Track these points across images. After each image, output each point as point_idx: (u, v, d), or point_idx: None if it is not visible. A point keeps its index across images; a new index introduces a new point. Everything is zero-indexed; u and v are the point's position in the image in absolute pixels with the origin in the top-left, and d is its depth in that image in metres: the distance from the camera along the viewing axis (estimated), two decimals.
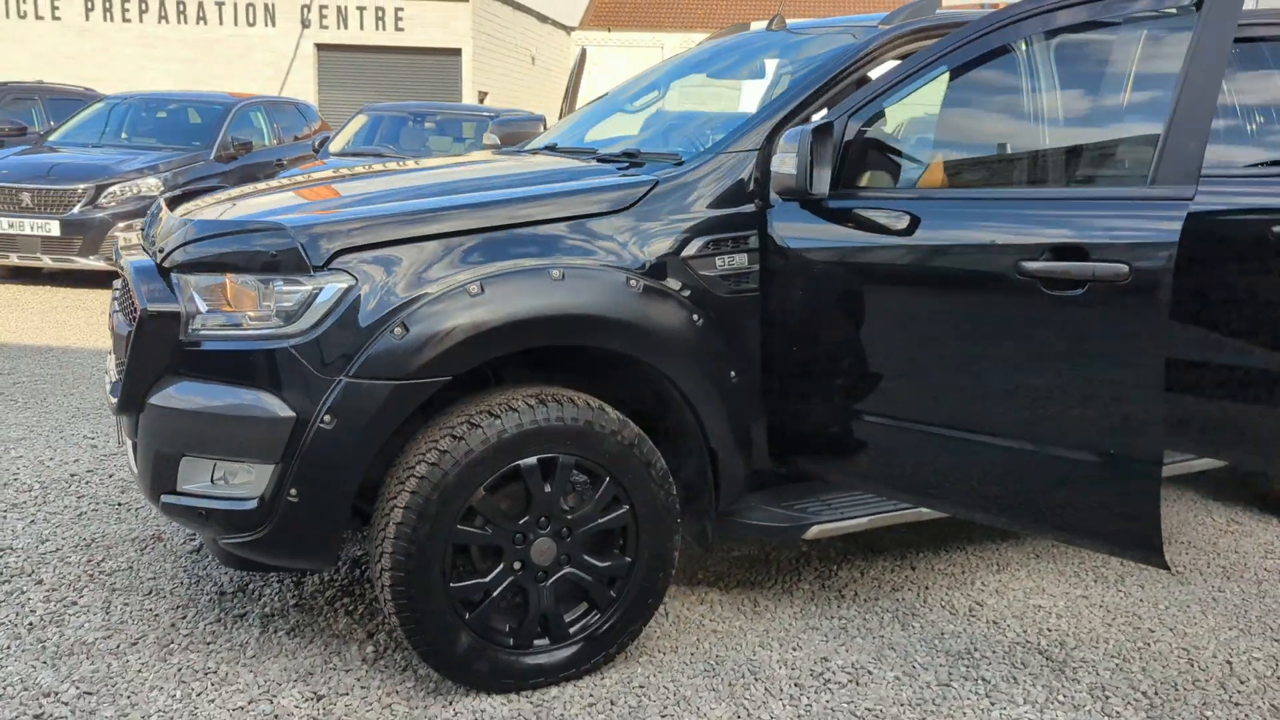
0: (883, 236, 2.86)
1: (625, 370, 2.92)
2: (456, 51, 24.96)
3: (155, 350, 2.67)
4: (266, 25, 25.43)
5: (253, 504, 2.59)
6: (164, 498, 2.70)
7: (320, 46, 25.31)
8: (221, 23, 25.64)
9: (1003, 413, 2.75)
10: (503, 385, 2.81)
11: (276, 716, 2.66)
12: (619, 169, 3.14)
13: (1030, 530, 2.85)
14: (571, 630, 2.86)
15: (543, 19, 30.53)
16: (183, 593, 3.32)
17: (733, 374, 2.95)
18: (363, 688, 2.82)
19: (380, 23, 25.09)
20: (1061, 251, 2.56)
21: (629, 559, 2.88)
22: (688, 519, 3.13)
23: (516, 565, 2.76)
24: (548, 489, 2.74)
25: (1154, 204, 2.43)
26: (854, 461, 3.07)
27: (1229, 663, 3.10)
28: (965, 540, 3.90)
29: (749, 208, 2.98)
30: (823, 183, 2.83)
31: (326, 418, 2.52)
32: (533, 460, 2.71)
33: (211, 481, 2.66)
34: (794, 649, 3.10)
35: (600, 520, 2.82)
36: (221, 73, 25.13)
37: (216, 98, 10.74)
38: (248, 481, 2.61)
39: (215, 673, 2.85)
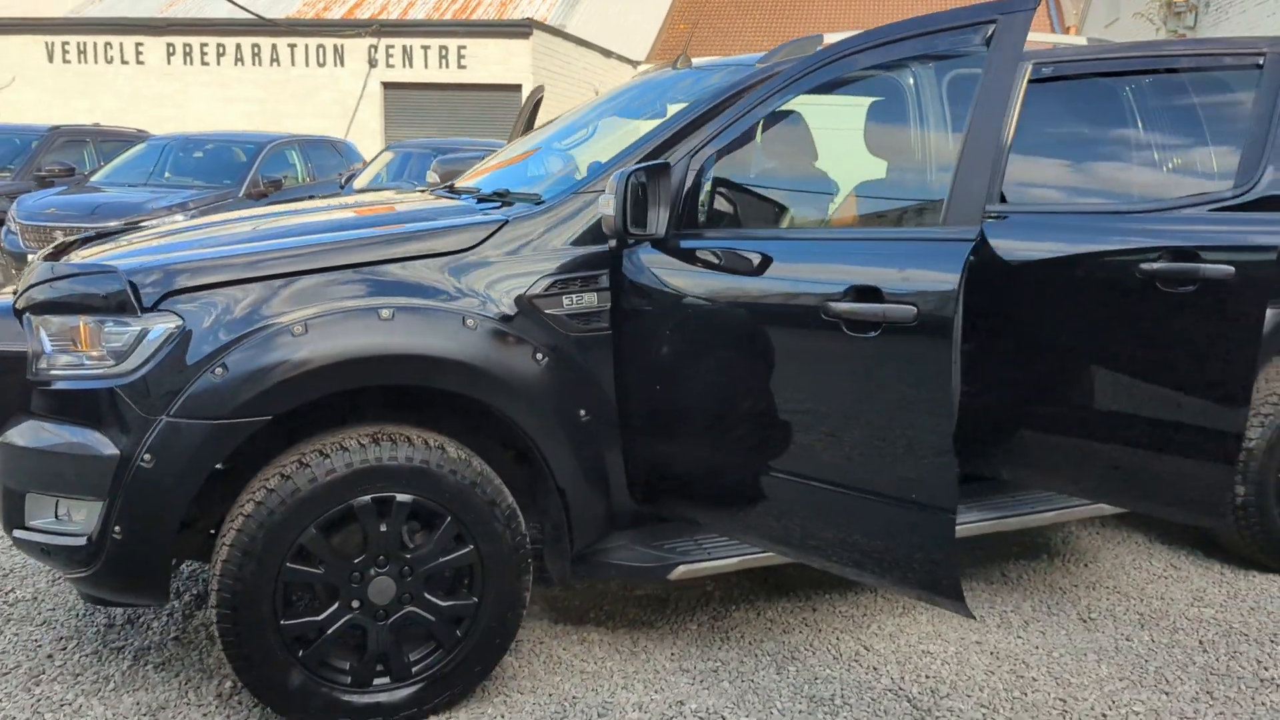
0: (718, 277, 2.84)
1: (481, 409, 2.94)
2: (517, 87, 25.38)
3: (7, 388, 2.77)
4: (336, 65, 26.20)
5: (83, 540, 2.67)
6: (15, 532, 2.79)
7: (386, 85, 25.96)
8: (294, 64, 26.49)
9: (822, 456, 2.71)
10: (359, 423, 2.85)
11: None
12: (484, 209, 3.17)
13: (854, 576, 2.80)
14: (414, 669, 2.87)
15: (607, 54, 30.88)
16: (74, 624, 3.42)
17: (583, 413, 2.95)
18: None
19: (444, 61, 25.66)
20: (861, 293, 2.52)
21: (475, 599, 2.88)
22: (555, 558, 3.12)
23: (355, 604, 2.79)
24: (384, 528, 2.77)
25: (940, 244, 2.39)
26: (701, 503, 3.04)
27: (1104, 715, 2.97)
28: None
29: (602, 248, 2.99)
30: (658, 223, 2.83)
31: (146, 456, 2.59)
32: (367, 499, 2.73)
33: (55, 518, 2.74)
34: (656, 691, 3.07)
35: (442, 559, 2.84)
36: (293, 111, 25.93)
37: (251, 137, 11.10)
38: (82, 519, 2.69)
39: (71, 704, 2.93)
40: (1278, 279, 2.85)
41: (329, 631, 2.77)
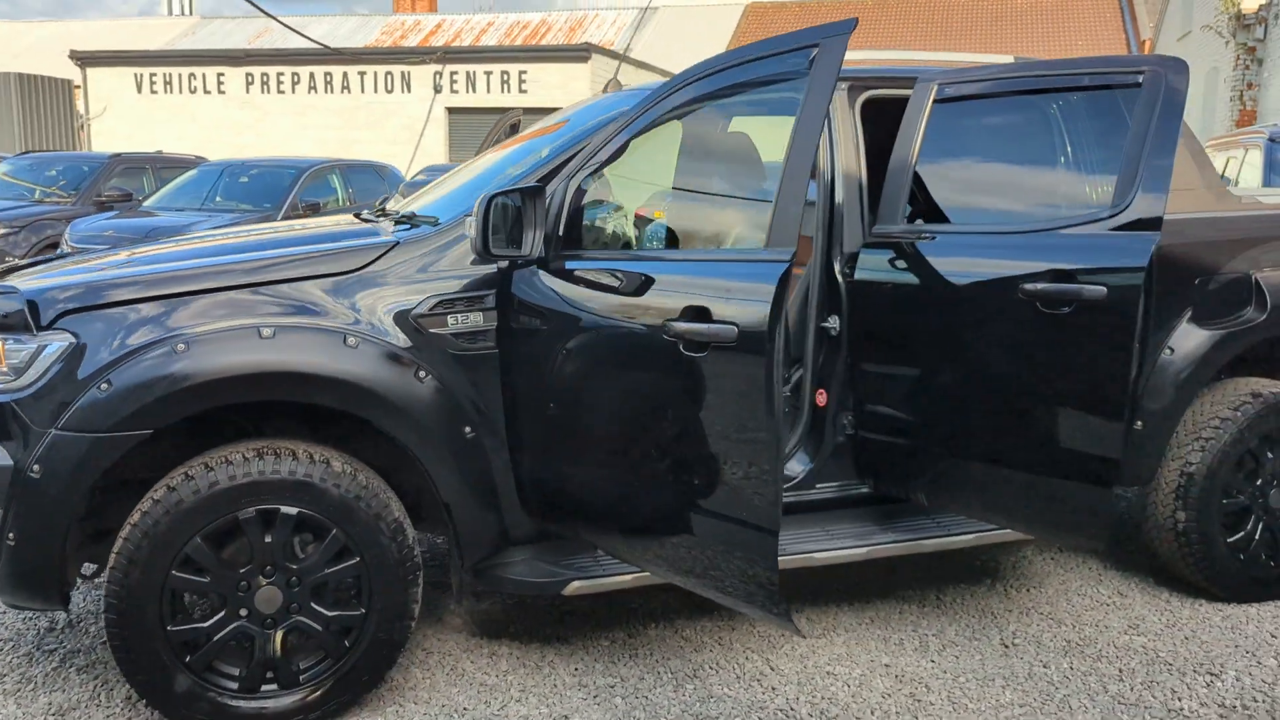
0: (586, 298, 2.89)
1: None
2: None
3: None
4: (403, 92, 26.90)
5: None
6: None
7: (451, 110, 26.54)
8: (364, 91, 27.27)
9: (669, 475, 2.76)
10: (251, 438, 2.96)
11: None
12: (382, 232, 3.27)
13: (704, 594, 2.83)
14: (301, 677, 2.95)
15: (666, 76, 31.14)
16: (17, 627, 3.59)
17: (468, 430, 3.02)
18: None
19: (505, 85, 26.17)
20: (695, 313, 2.55)
21: (362, 609, 2.96)
22: (453, 571, 3.19)
23: (242, 612, 2.89)
24: (269, 539, 2.87)
25: (760, 265, 2.41)
26: (579, 519, 3.09)
27: None
28: (808, 600, 3.79)
29: (491, 269, 3.06)
30: (533, 244, 2.89)
31: (36, 467, 2.73)
32: (251, 512, 2.84)
33: None
34: (547, 705, 3.11)
35: (328, 571, 2.92)
36: (364, 137, 26.67)
37: (294, 163, 11.46)
38: None
39: None
40: (1149, 300, 2.80)
41: (215, 638, 2.87)
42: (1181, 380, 3.59)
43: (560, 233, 2.97)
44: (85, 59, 29.56)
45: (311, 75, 27.62)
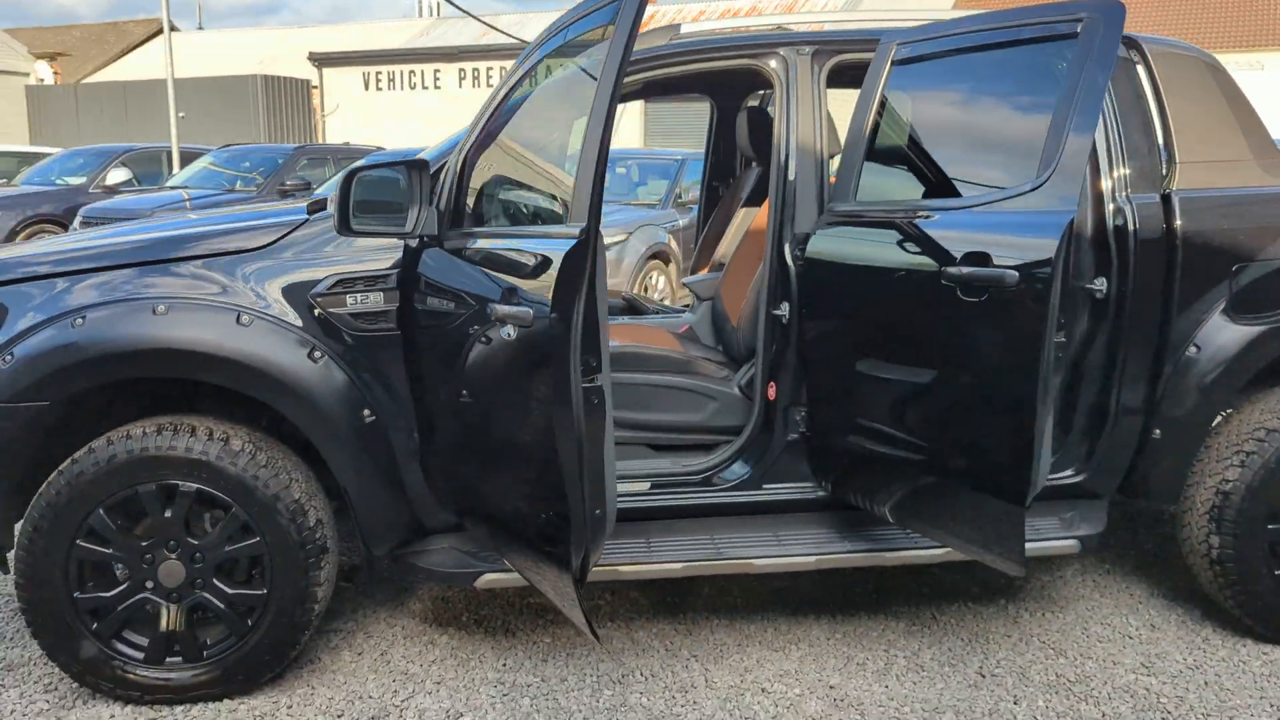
0: (465, 276, 2.74)
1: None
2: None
3: None
4: None
5: None
6: None
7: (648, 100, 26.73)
8: None
9: (509, 464, 2.61)
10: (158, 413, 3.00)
11: None
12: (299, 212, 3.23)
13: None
14: (206, 652, 2.97)
15: None
16: None
17: (366, 413, 2.94)
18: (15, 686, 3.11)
19: None
20: (506, 295, 2.38)
21: (264, 589, 2.95)
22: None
23: (148, 584, 2.93)
24: (169, 514, 2.90)
25: (557, 240, 2.19)
26: (468, 514, 2.96)
27: None
28: (783, 608, 3.51)
29: (393, 249, 2.96)
30: (415, 222, 2.78)
31: None
32: (151, 486, 2.87)
33: None
34: (450, 700, 3.00)
35: (228, 549, 2.93)
36: None
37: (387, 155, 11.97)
38: None
39: None
40: (1060, 285, 2.36)
41: (119, 609, 2.93)
42: (1209, 383, 3.07)
43: (454, 208, 2.84)
44: (321, 60, 31.70)
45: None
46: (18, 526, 2.96)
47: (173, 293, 2.89)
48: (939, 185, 2.96)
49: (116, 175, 13.57)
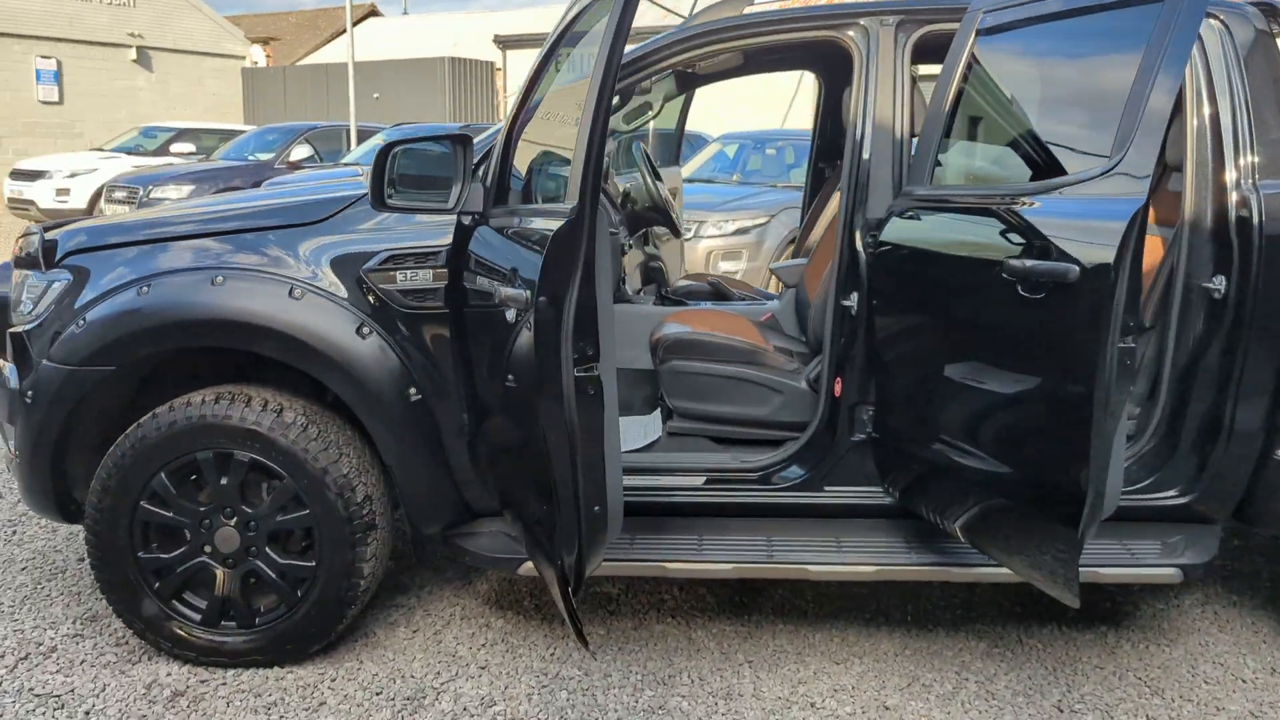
0: (502, 255, 2.66)
1: None
2: None
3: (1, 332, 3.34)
4: None
5: (13, 457, 3.14)
6: None
7: None
8: None
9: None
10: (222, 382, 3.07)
11: None
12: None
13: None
14: (258, 620, 3.03)
15: None
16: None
17: (413, 391, 2.91)
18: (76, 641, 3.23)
19: None
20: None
21: (313, 562, 2.98)
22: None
23: (206, 549, 3.01)
24: (224, 481, 2.95)
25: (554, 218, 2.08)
26: (501, 495, 2.89)
27: None
28: (851, 617, 3.30)
29: (446, 225, 2.91)
30: (459, 198, 2.72)
31: (29, 393, 3.00)
32: (209, 454, 2.94)
33: (3, 438, 3.26)
34: (490, 687, 2.95)
35: (279, 519, 2.96)
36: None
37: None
38: (10, 441, 3.17)
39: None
40: (1127, 283, 2.05)
41: (178, 570, 3.01)
42: None
43: (499, 184, 2.76)
44: (506, 42, 32.43)
45: None
46: None
47: (232, 264, 2.93)
48: (1024, 166, 2.68)
49: (300, 151, 14.29)
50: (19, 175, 15.58)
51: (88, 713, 2.84)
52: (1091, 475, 2.14)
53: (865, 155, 2.90)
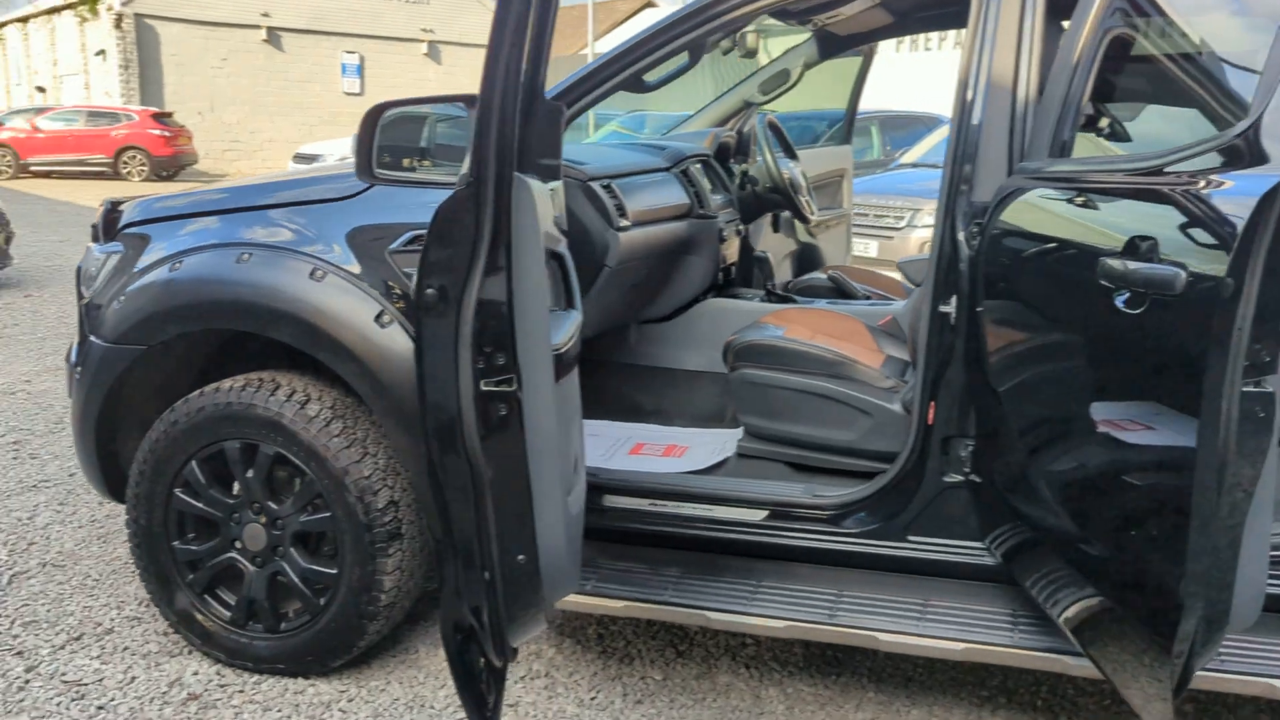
0: None
1: None
2: None
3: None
4: None
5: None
6: None
7: None
8: None
9: None
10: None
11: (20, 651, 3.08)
12: None
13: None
14: (283, 625, 2.82)
15: None
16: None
17: None
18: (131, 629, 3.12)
19: None
20: None
21: (335, 569, 2.73)
22: None
23: (236, 544, 2.83)
24: (249, 474, 2.76)
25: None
26: None
27: None
28: (966, 694, 2.69)
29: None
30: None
31: (78, 368, 2.92)
32: (236, 444, 2.75)
33: None
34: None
35: (301, 519, 2.73)
36: None
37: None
38: None
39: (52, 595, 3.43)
40: (1259, 296, 1.34)
41: (208, 564, 2.85)
42: None
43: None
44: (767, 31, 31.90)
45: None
46: None
47: (256, 240, 2.71)
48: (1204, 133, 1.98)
49: None
50: (299, 158, 16.82)
51: (101, 707, 2.72)
52: (1196, 581, 1.48)
53: (975, 120, 2.28)
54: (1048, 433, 2.11)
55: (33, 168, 23.39)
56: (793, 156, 4.00)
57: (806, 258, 4.33)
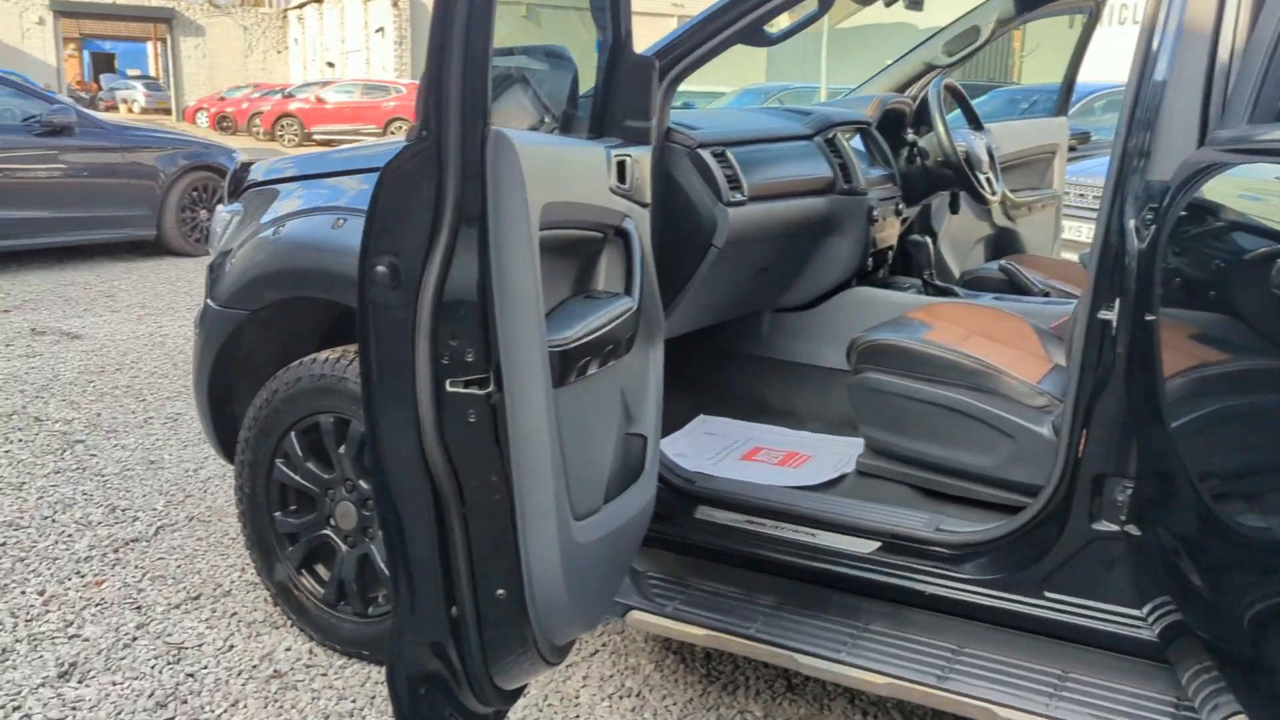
0: None
1: None
2: None
3: None
4: None
5: None
6: None
7: None
8: None
9: None
10: None
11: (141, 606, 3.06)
12: None
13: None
14: (370, 611, 2.70)
15: None
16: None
17: None
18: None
19: None
20: None
21: None
22: None
23: (331, 521, 2.73)
24: (341, 450, 2.64)
25: None
26: None
27: None
28: None
29: None
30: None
31: (195, 330, 2.90)
32: (330, 419, 2.64)
33: None
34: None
35: None
36: None
37: None
38: None
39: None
40: None
41: (303, 540, 2.76)
42: None
43: None
44: None
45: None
46: None
47: (355, 206, 2.56)
48: None
49: None
50: None
51: (190, 674, 2.69)
52: None
53: (1159, 74, 1.78)
54: (1238, 485, 1.61)
55: (315, 136, 25.32)
56: (978, 127, 3.48)
57: (1004, 244, 3.79)
